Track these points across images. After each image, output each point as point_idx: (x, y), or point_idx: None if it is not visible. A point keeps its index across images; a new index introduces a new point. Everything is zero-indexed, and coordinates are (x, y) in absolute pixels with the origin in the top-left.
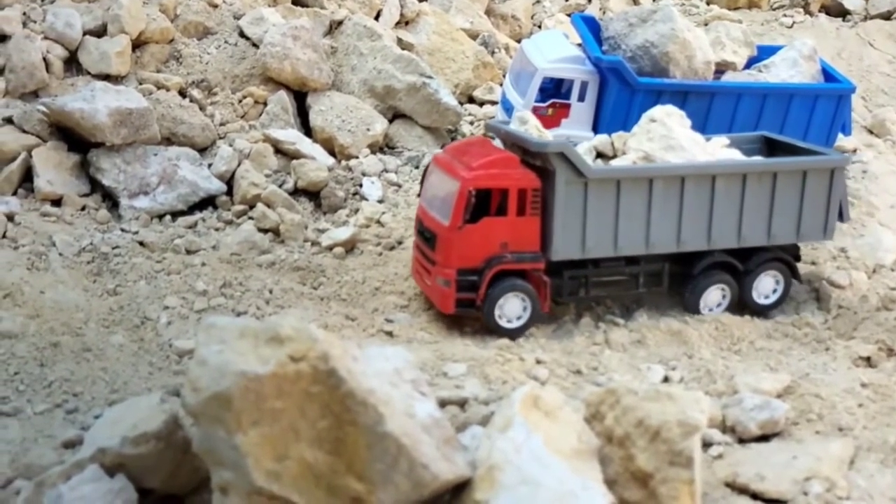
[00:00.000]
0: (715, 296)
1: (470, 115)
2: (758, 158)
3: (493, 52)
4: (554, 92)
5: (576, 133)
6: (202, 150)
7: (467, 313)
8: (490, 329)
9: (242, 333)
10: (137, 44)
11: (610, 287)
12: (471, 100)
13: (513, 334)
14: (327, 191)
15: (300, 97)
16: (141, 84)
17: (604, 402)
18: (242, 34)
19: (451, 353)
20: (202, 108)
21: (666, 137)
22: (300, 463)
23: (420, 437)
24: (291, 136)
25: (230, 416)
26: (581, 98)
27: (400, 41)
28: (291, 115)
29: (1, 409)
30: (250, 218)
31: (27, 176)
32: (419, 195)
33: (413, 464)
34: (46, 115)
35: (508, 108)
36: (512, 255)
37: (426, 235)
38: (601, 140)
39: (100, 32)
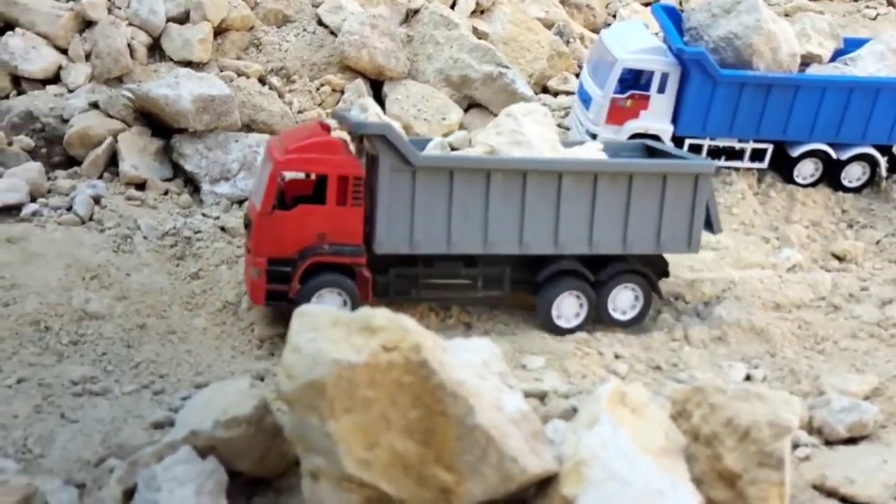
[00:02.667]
0: (571, 306)
1: (544, 104)
2: (610, 158)
3: (567, 42)
4: (633, 83)
5: (654, 126)
6: None
7: (279, 307)
8: None
9: (335, 322)
10: (219, 31)
11: (444, 289)
12: (545, 90)
13: None
14: None
15: (376, 85)
16: (222, 71)
17: (690, 400)
18: (321, 22)
19: (529, 345)
20: (281, 96)
21: (515, 132)
22: (390, 452)
23: (509, 431)
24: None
25: (323, 403)
26: (661, 90)
27: (475, 30)
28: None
29: (91, 389)
30: None
31: (112, 160)
32: None
33: (502, 456)
34: (131, 100)
35: (586, 99)
36: (330, 246)
37: (246, 223)
38: (457, 135)
39: (182, 19)
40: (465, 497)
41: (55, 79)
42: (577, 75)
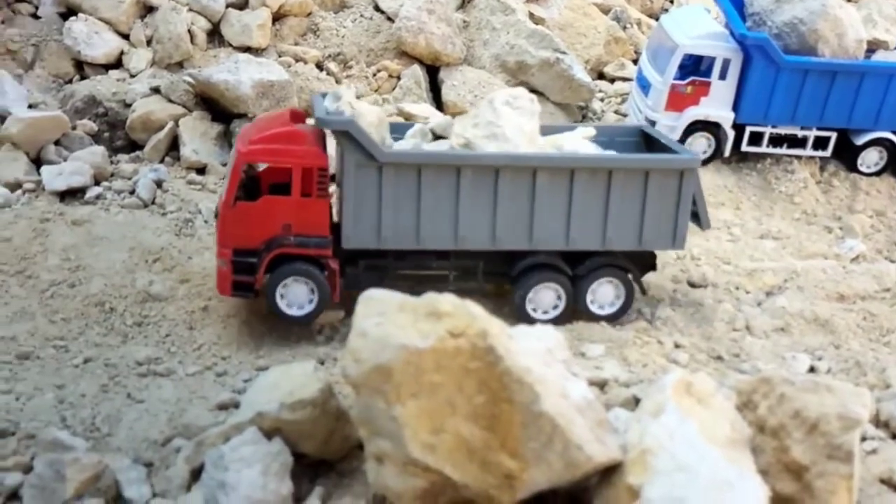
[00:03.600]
0: (546, 298)
1: (601, 91)
2: (589, 154)
3: (624, 28)
4: (694, 69)
5: (715, 113)
6: None
7: (246, 297)
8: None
9: (401, 307)
10: (277, 17)
11: (416, 281)
12: (601, 76)
13: (300, 322)
14: None
15: (432, 71)
16: (280, 57)
17: (757, 391)
18: (377, 8)
19: (588, 333)
20: (338, 81)
21: (492, 125)
22: (455, 437)
23: (574, 418)
24: (425, 110)
25: (390, 387)
26: (722, 76)
27: (531, 16)
28: (424, 90)
29: (155, 370)
30: None
31: (174, 144)
32: None
33: (567, 444)
34: (192, 85)
35: (645, 86)
36: (295, 238)
37: (216, 213)
38: (439, 122)
39: (241, 5)
40: (528, 484)
41: (117, 64)
42: (635, 61)
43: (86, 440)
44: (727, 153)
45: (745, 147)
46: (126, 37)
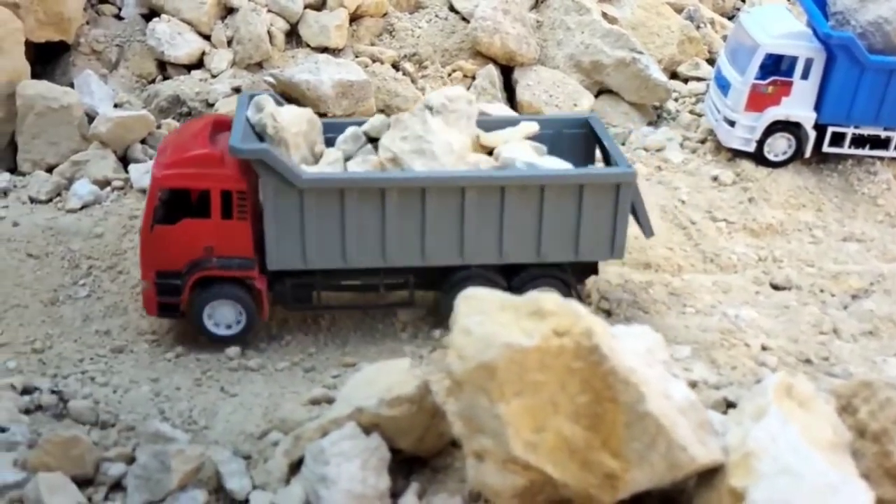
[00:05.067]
0: None
1: (674, 91)
2: (519, 171)
3: (698, 27)
4: (775, 69)
5: (796, 113)
6: None
7: (173, 317)
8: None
9: (502, 306)
10: (353, 17)
11: (346, 297)
12: (674, 75)
13: (230, 341)
14: None
15: (506, 71)
16: (357, 57)
17: (857, 395)
18: (452, 8)
19: (674, 334)
20: (413, 81)
21: (420, 139)
22: (557, 436)
23: (677, 420)
24: (500, 110)
25: (494, 385)
26: (804, 76)
27: (604, 15)
28: (498, 89)
29: (247, 365)
30: None
31: None
32: None
33: (671, 445)
34: (273, 85)
35: (724, 85)
36: (218, 260)
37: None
38: (375, 122)
39: (319, 6)
40: (629, 484)
41: (198, 64)
42: (709, 61)
43: (185, 432)
44: (808, 154)
45: (826, 148)
46: (207, 37)
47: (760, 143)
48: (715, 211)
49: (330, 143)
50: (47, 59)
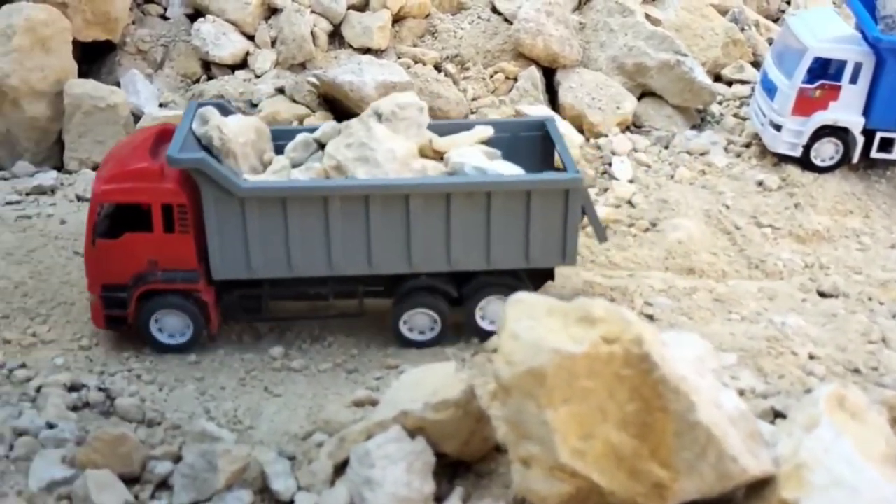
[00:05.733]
0: (424, 320)
1: (718, 94)
2: (465, 177)
3: (742, 29)
4: (822, 73)
5: (844, 118)
6: None
7: (120, 330)
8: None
9: (550, 311)
10: (396, 18)
11: (295, 307)
12: (717, 78)
13: (179, 350)
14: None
15: (548, 73)
16: (399, 58)
17: None
18: (495, 9)
19: (719, 341)
20: (455, 83)
21: (364, 146)
22: (605, 444)
23: (728, 430)
24: (542, 112)
25: (543, 391)
26: (853, 80)
27: (647, 17)
28: (540, 91)
29: (290, 366)
30: None
31: None
32: None
33: (722, 455)
34: (316, 86)
35: (770, 89)
36: (163, 273)
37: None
38: (324, 130)
39: (362, 7)
40: (678, 494)
41: (242, 64)
42: (753, 64)
43: (230, 432)
44: (855, 160)
45: (874, 153)
46: (251, 38)
47: (807, 147)
48: (760, 216)
49: (282, 150)
50: (93, 58)
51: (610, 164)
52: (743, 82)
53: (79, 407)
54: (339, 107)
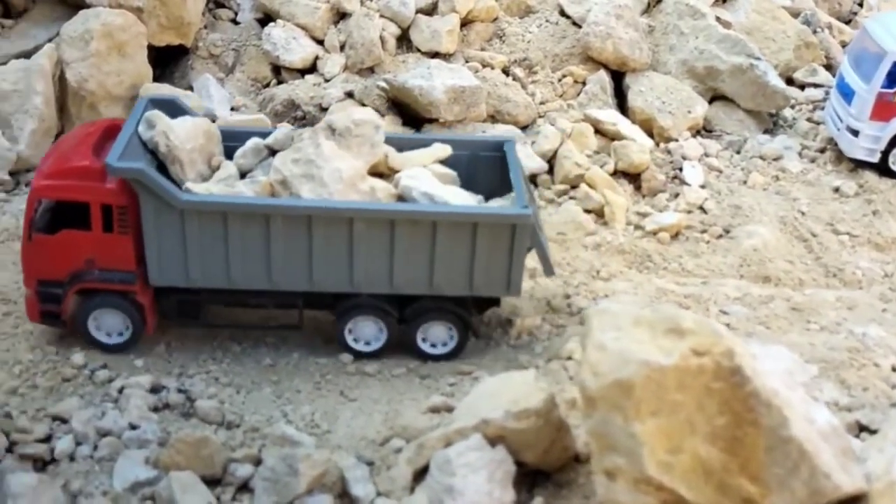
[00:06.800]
0: (370, 331)
1: (791, 98)
2: (411, 203)
3: (815, 32)
4: None
5: None
6: (523, 129)
7: (55, 326)
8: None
9: (637, 322)
10: (464, 22)
11: (233, 316)
12: (789, 81)
13: (119, 350)
14: (648, 174)
15: (617, 77)
16: (467, 62)
17: None
18: (563, 13)
19: (798, 352)
20: (524, 87)
21: (311, 163)
22: (693, 457)
23: (820, 445)
24: (611, 116)
25: (630, 403)
26: None
27: (718, 19)
28: (609, 95)
29: (364, 370)
30: (571, 198)
31: None
32: None
33: (814, 472)
34: (385, 90)
35: (847, 93)
36: (100, 273)
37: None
38: (278, 136)
39: (430, 11)
40: None
41: (312, 68)
42: (826, 67)
43: (308, 436)
44: None
45: None
46: (321, 42)
47: (885, 153)
48: (837, 223)
49: (233, 152)
50: (166, 62)
51: (681, 169)
52: (816, 86)
53: (160, 408)
54: (408, 111)
